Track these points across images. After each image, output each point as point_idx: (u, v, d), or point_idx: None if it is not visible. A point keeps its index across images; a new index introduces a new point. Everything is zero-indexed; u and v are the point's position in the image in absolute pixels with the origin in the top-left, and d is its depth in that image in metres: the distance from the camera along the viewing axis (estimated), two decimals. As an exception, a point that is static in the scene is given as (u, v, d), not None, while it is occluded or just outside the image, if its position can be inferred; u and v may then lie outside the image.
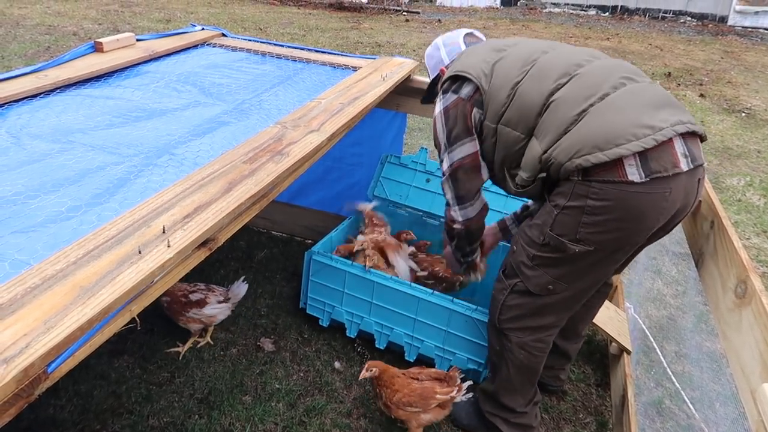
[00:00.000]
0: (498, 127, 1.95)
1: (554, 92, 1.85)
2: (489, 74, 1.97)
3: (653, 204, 1.75)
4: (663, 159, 1.71)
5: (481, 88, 1.96)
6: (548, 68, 1.91)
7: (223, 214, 1.41)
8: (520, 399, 2.23)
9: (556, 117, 1.82)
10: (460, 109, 2.00)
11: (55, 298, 1.05)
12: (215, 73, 2.62)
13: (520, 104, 1.89)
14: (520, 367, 2.15)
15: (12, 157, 1.69)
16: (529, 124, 1.88)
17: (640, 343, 2.87)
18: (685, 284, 3.53)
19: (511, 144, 1.94)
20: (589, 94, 1.81)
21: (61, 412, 2.33)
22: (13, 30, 8.29)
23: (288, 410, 2.43)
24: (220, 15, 11.02)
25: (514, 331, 2.12)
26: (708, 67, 9.00)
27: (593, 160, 1.72)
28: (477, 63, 2.01)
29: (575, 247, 1.85)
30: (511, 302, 2.08)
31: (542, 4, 14.70)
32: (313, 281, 2.79)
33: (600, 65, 1.91)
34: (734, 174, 5.13)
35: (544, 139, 1.83)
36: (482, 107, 1.98)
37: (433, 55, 2.32)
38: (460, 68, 2.03)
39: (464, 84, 2.00)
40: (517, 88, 1.91)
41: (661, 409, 2.60)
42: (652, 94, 1.82)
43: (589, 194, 1.77)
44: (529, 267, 2.00)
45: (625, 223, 1.79)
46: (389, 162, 3.25)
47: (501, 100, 1.93)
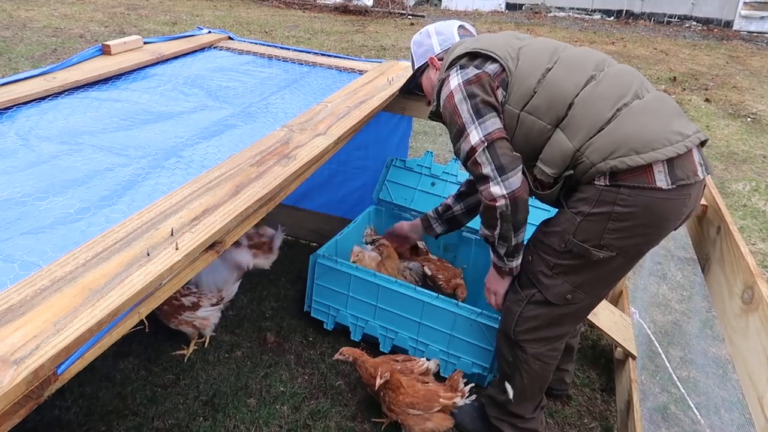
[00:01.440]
0: (521, 114, 1.84)
1: (587, 84, 1.81)
2: (515, 57, 1.88)
3: (676, 209, 1.78)
4: (686, 167, 1.75)
5: (508, 69, 1.85)
6: (577, 61, 1.86)
7: (231, 217, 1.41)
8: (529, 406, 2.22)
9: (590, 113, 1.77)
10: (485, 83, 1.86)
11: (64, 300, 1.05)
12: (222, 76, 2.63)
13: (550, 92, 1.81)
14: (534, 377, 2.13)
15: (21, 158, 1.70)
16: (558, 114, 1.80)
17: (645, 348, 2.86)
18: (691, 289, 3.53)
19: (534, 134, 1.84)
20: (621, 93, 1.79)
21: (67, 413, 2.33)
22: (20, 32, 8.33)
23: (292, 413, 2.43)
24: (226, 18, 11.07)
25: (530, 343, 2.08)
26: (713, 72, 8.99)
27: (629, 163, 1.70)
28: (501, 44, 1.90)
29: (599, 253, 1.83)
30: (529, 313, 2.03)
31: (547, 8, 14.71)
32: (318, 284, 2.79)
33: (622, 68, 1.90)
34: (740, 179, 5.12)
35: (576, 136, 1.77)
36: (507, 89, 1.86)
37: (422, 43, 2.18)
38: (482, 46, 1.90)
39: (488, 62, 1.88)
40: (548, 75, 1.83)
41: (667, 415, 2.59)
42: (672, 103, 1.86)
43: (617, 201, 1.76)
44: (548, 276, 1.95)
45: (649, 228, 1.80)
46: (394, 165, 3.25)
47: (530, 85, 1.83)
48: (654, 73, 8.67)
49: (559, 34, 11.74)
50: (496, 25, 12.66)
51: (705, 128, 6.36)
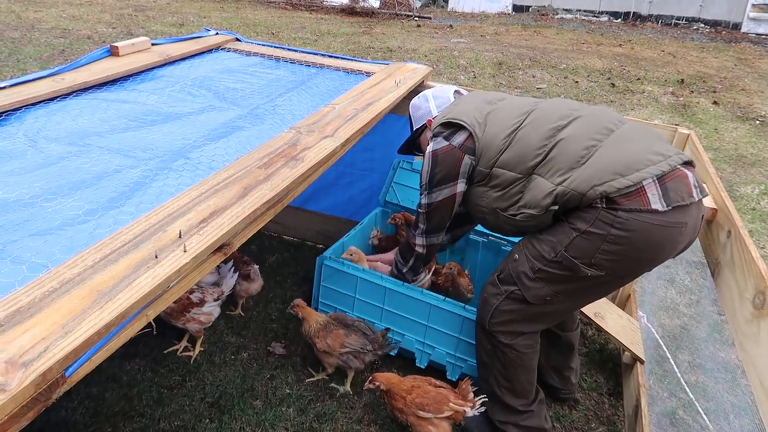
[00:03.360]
0: (492, 170, 2.03)
1: (556, 134, 1.95)
2: (483, 123, 2.06)
3: (671, 238, 1.83)
4: (680, 189, 1.80)
5: (475, 136, 2.05)
6: (546, 115, 2.01)
7: (239, 219, 1.41)
8: (522, 399, 2.24)
9: (566, 153, 1.90)
10: (449, 156, 2.09)
11: (72, 302, 1.05)
12: (229, 78, 2.63)
13: (519, 148, 1.98)
14: (512, 365, 2.18)
15: (29, 160, 1.70)
16: (529, 164, 1.95)
17: (653, 353, 2.84)
18: (699, 293, 3.50)
19: (507, 184, 2.01)
20: (595, 131, 1.92)
21: (73, 414, 2.33)
22: (29, 33, 8.38)
23: (298, 415, 2.42)
24: (233, 19, 11.10)
25: (503, 334, 2.15)
26: (721, 75, 8.94)
27: (617, 186, 1.79)
28: (470, 111, 2.10)
29: (588, 270, 1.90)
30: (505, 307, 2.11)
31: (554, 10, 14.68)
32: (325, 286, 2.79)
33: (594, 110, 2.05)
34: (748, 182, 5.08)
35: (555, 175, 1.90)
36: (474, 154, 2.06)
37: (420, 106, 2.38)
38: (453, 115, 2.10)
39: (458, 131, 2.09)
40: (516, 133, 2.00)
41: (675, 420, 2.57)
42: (649, 129, 1.99)
43: (615, 223, 1.81)
44: (530, 278, 2.02)
45: (642, 253, 1.86)
46: (401, 167, 3.25)
47: (497, 146, 2.01)
48: (662, 76, 8.64)
49: (566, 36, 11.72)
50: (502, 26, 12.64)
51: (713, 131, 6.32)
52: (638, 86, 7.99)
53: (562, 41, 11.20)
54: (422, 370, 2.62)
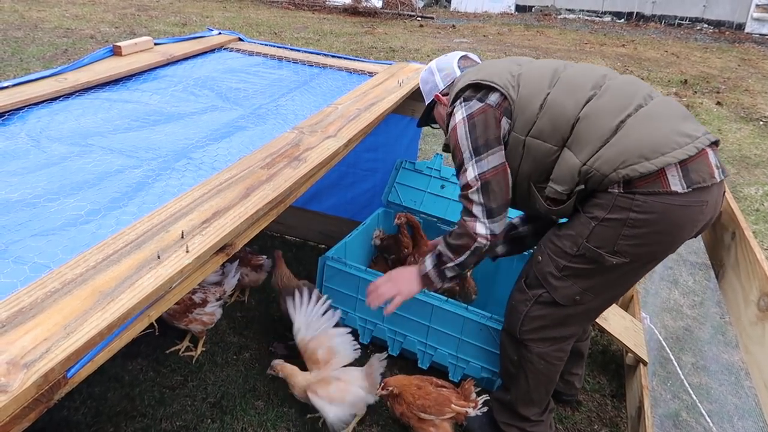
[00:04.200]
0: (527, 139, 1.86)
1: (589, 101, 1.82)
2: (516, 85, 1.90)
3: (691, 217, 1.77)
4: (701, 170, 1.74)
5: (510, 98, 1.87)
6: (576, 80, 1.88)
7: (241, 219, 1.41)
8: (536, 408, 2.21)
9: (595, 128, 1.78)
10: (489, 116, 1.88)
11: (74, 303, 1.05)
12: (232, 78, 2.63)
13: (552, 115, 1.83)
14: (539, 377, 2.12)
15: (32, 159, 1.70)
16: (563, 134, 1.82)
17: (657, 354, 2.83)
18: (702, 295, 3.49)
19: (541, 157, 1.86)
20: (624, 105, 1.80)
21: (75, 414, 2.33)
22: (32, 33, 8.39)
23: (300, 416, 2.41)
24: (235, 19, 11.10)
25: (536, 342, 2.07)
26: (725, 75, 8.92)
27: (641, 170, 1.71)
28: (501, 72, 1.93)
29: (612, 258, 1.83)
30: (535, 313, 2.03)
31: (557, 10, 14.66)
32: (327, 287, 2.78)
33: (624, 79, 1.92)
34: (752, 183, 5.07)
35: (582, 151, 1.79)
36: (511, 117, 1.88)
37: (427, 80, 2.23)
38: (483, 77, 1.92)
39: (490, 92, 1.90)
40: (548, 98, 1.85)
41: (678, 422, 2.56)
42: (677, 106, 1.86)
43: (633, 207, 1.75)
44: (557, 278, 1.95)
45: (664, 235, 1.79)
46: (404, 168, 3.24)
47: (533, 110, 1.85)
48: (665, 76, 8.62)
49: (569, 36, 11.70)
50: (505, 26, 12.63)
51: (716, 132, 6.30)
52: (641, 87, 7.97)
53: (565, 41, 11.19)
54: (424, 371, 2.62)
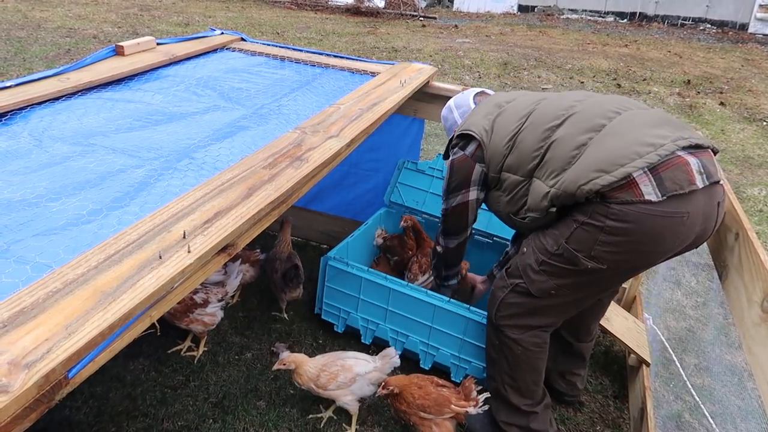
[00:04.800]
0: (501, 175, 2.10)
1: (550, 135, 1.96)
2: (490, 130, 2.12)
3: (671, 228, 1.79)
4: (677, 177, 1.75)
5: (483, 145, 2.11)
6: (543, 115, 2.03)
7: (243, 219, 1.40)
8: (527, 399, 2.23)
9: (558, 155, 1.92)
10: (463, 165, 2.18)
11: (76, 303, 1.04)
12: (234, 78, 2.63)
13: (519, 152, 2.03)
14: (518, 362, 2.18)
15: (34, 159, 1.70)
16: (528, 167, 2.00)
17: (659, 355, 2.82)
18: (705, 295, 3.48)
19: (513, 187, 2.07)
20: (586, 128, 1.91)
21: (77, 413, 2.33)
22: (35, 32, 8.41)
23: (302, 416, 2.41)
24: (238, 19, 11.11)
25: (510, 328, 2.16)
26: (728, 75, 8.90)
27: (601, 182, 1.78)
28: (479, 121, 2.16)
29: (588, 263, 1.89)
30: (510, 300, 2.14)
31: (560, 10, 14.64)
32: (329, 287, 2.78)
33: (592, 102, 2.02)
34: (755, 184, 5.05)
35: (549, 178, 1.93)
36: (484, 161, 2.13)
37: (447, 118, 2.48)
38: (465, 127, 2.19)
39: (470, 142, 2.16)
40: (516, 137, 2.05)
41: (681, 423, 2.55)
42: (649, 116, 1.92)
43: (609, 215, 1.80)
44: (535, 271, 2.04)
45: (641, 245, 1.83)
46: (406, 168, 3.24)
47: (501, 152, 2.08)
48: (668, 77, 8.60)
49: (572, 36, 11.68)
50: (508, 26, 12.61)
51: (720, 132, 6.29)
52: (644, 87, 7.96)
53: (567, 41, 11.17)
54: (426, 371, 2.61)
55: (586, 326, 2.44)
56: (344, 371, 2.30)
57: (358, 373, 2.30)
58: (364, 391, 2.32)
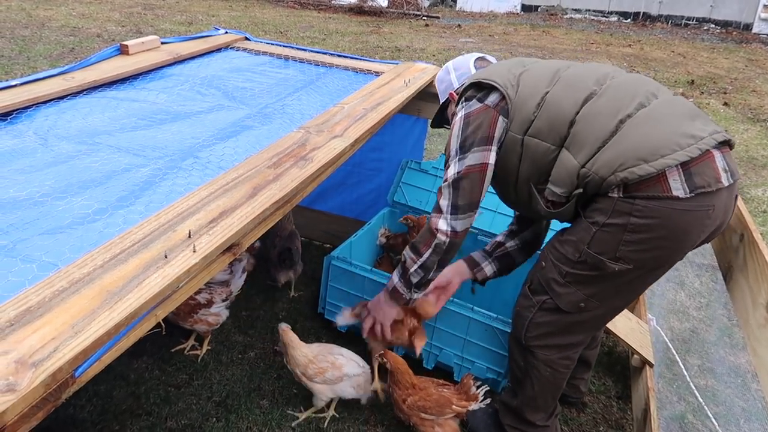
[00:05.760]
0: (525, 138, 1.86)
1: (587, 101, 1.79)
2: (516, 84, 1.90)
3: (697, 222, 1.70)
4: (706, 174, 1.67)
5: (508, 97, 1.88)
6: (577, 79, 1.86)
7: (248, 219, 1.40)
8: (542, 414, 2.19)
9: (593, 129, 1.75)
10: (483, 117, 1.90)
11: (82, 302, 1.05)
12: (239, 77, 2.63)
13: (550, 113, 1.81)
14: (545, 383, 2.10)
15: (39, 158, 1.70)
16: (561, 134, 1.80)
17: (663, 356, 2.82)
18: (709, 296, 3.47)
19: (540, 156, 1.85)
20: (624, 105, 1.76)
21: (81, 411, 2.34)
22: (39, 31, 8.42)
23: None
24: (241, 18, 11.12)
25: (541, 349, 2.05)
26: (732, 75, 8.88)
27: (639, 173, 1.66)
28: (503, 72, 1.94)
29: (614, 265, 1.79)
30: (540, 320, 2.01)
31: (563, 10, 14.62)
32: (332, 286, 2.78)
33: (627, 78, 1.88)
34: (759, 184, 5.04)
35: (580, 152, 1.76)
36: (508, 116, 1.88)
37: (443, 79, 2.28)
38: (485, 76, 1.94)
39: (490, 92, 1.92)
40: (546, 97, 1.84)
41: (684, 424, 2.55)
42: (684, 105, 1.80)
43: (633, 212, 1.70)
44: (560, 284, 1.92)
45: (667, 241, 1.73)
46: (409, 167, 3.24)
47: (529, 109, 1.84)
48: (671, 77, 8.59)
49: (575, 37, 11.67)
50: (511, 26, 12.60)
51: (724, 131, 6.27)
52: (648, 87, 7.94)
53: (570, 41, 11.16)
54: (429, 371, 2.61)
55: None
56: (333, 368, 2.28)
57: (347, 373, 2.27)
58: (345, 392, 2.30)
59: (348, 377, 2.28)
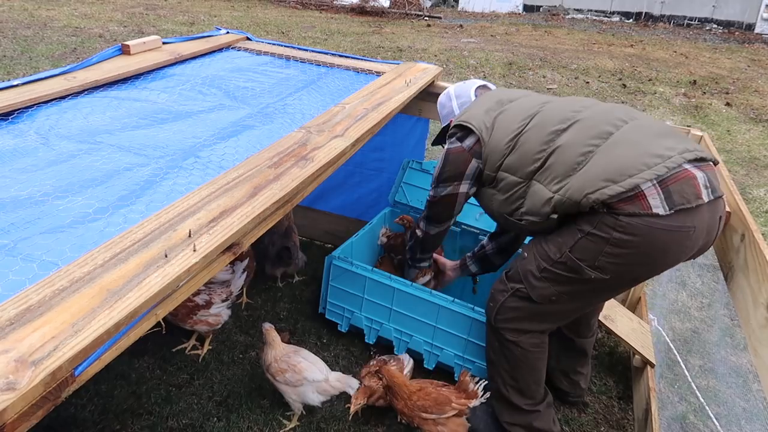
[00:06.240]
0: (498, 174, 2.07)
1: (555, 139, 1.94)
2: (490, 127, 2.09)
3: (677, 241, 1.79)
4: (685, 191, 1.75)
5: (482, 140, 2.08)
6: (548, 118, 2.01)
7: (248, 219, 1.40)
8: (527, 399, 2.23)
9: (563, 161, 1.89)
10: (459, 157, 2.15)
11: (82, 301, 1.05)
12: (240, 77, 2.63)
13: (521, 152, 2.00)
14: (517, 362, 2.18)
15: (41, 157, 1.70)
16: (528, 169, 1.97)
17: (664, 356, 2.81)
18: (710, 296, 3.47)
19: (510, 187, 2.04)
20: (592, 135, 1.89)
21: (82, 411, 2.34)
22: (41, 31, 8.43)
23: (306, 415, 2.41)
24: (243, 18, 11.12)
25: (509, 331, 2.16)
26: (734, 76, 8.86)
27: (609, 192, 1.77)
28: (480, 115, 2.12)
29: (591, 273, 1.89)
30: (510, 304, 2.13)
31: (565, 10, 14.61)
32: (333, 286, 2.78)
33: (599, 109, 2.00)
34: (761, 185, 5.03)
35: (552, 183, 1.90)
36: (481, 158, 2.10)
37: (445, 105, 2.45)
38: (465, 118, 2.15)
39: (468, 134, 2.13)
40: (518, 138, 2.02)
41: (686, 425, 2.55)
42: (654, 126, 1.92)
43: (617, 227, 1.79)
44: (536, 278, 2.03)
45: (647, 258, 1.83)
46: (411, 167, 3.24)
47: (500, 151, 2.04)
48: (674, 77, 8.58)
49: (577, 37, 11.66)
50: (513, 26, 12.59)
51: (726, 133, 6.26)
52: (650, 87, 7.94)
53: (572, 41, 11.15)
54: (430, 371, 2.62)
55: (586, 322, 2.44)
56: (292, 371, 2.27)
57: (306, 378, 2.26)
58: (308, 397, 2.28)
59: (308, 382, 2.27)
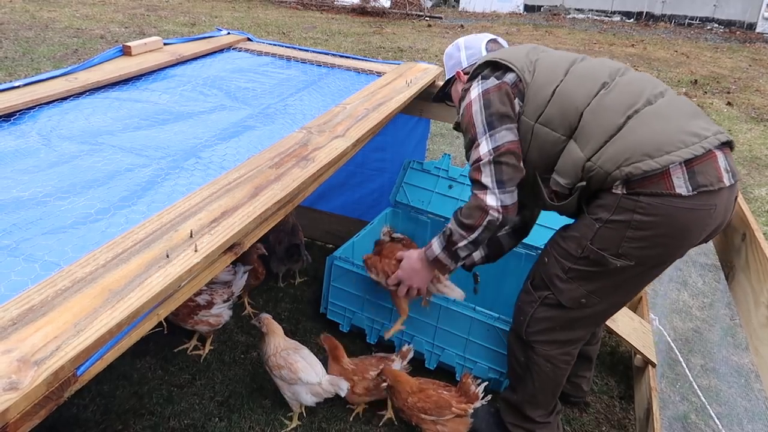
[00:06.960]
0: (535, 126, 1.87)
1: (597, 94, 1.82)
2: (532, 69, 1.91)
3: (699, 220, 1.73)
4: (709, 173, 1.70)
5: (524, 80, 1.88)
6: (590, 72, 1.88)
7: (250, 219, 1.41)
8: (542, 410, 2.20)
9: (600, 122, 1.78)
10: (504, 93, 1.89)
11: (84, 301, 1.05)
12: (241, 77, 2.64)
13: (563, 103, 1.83)
14: (545, 379, 2.11)
15: (42, 158, 1.71)
16: (571, 124, 1.81)
17: (665, 356, 2.81)
18: (712, 296, 3.47)
19: (548, 146, 1.86)
20: (632, 102, 1.79)
21: (84, 411, 2.35)
22: (43, 32, 8.45)
23: (307, 415, 2.42)
24: (244, 19, 11.14)
25: (542, 344, 2.07)
26: (735, 75, 8.86)
27: (644, 168, 1.68)
28: (520, 56, 1.95)
29: (617, 261, 1.81)
30: (541, 315, 2.03)
31: (566, 9, 14.61)
32: (334, 286, 2.79)
33: (636, 75, 1.91)
34: (762, 184, 5.03)
35: (587, 145, 1.78)
36: (523, 99, 1.89)
37: (452, 55, 2.26)
38: (502, 57, 1.94)
39: (507, 72, 1.92)
40: (560, 86, 1.85)
41: (687, 424, 2.55)
42: (688, 105, 1.84)
43: (637, 208, 1.73)
44: (562, 280, 1.94)
45: (669, 239, 1.76)
46: (412, 168, 3.24)
47: (544, 96, 1.85)
48: (675, 76, 8.57)
49: (578, 36, 11.65)
50: (514, 26, 12.60)
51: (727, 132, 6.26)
52: (651, 87, 7.93)
53: (573, 41, 11.15)
54: (432, 371, 2.62)
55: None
56: (288, 369, 2.26)
57: (300, 378, 2.25)
58: (301, 397, 2.27)
59: (302, 383, 2.25)
